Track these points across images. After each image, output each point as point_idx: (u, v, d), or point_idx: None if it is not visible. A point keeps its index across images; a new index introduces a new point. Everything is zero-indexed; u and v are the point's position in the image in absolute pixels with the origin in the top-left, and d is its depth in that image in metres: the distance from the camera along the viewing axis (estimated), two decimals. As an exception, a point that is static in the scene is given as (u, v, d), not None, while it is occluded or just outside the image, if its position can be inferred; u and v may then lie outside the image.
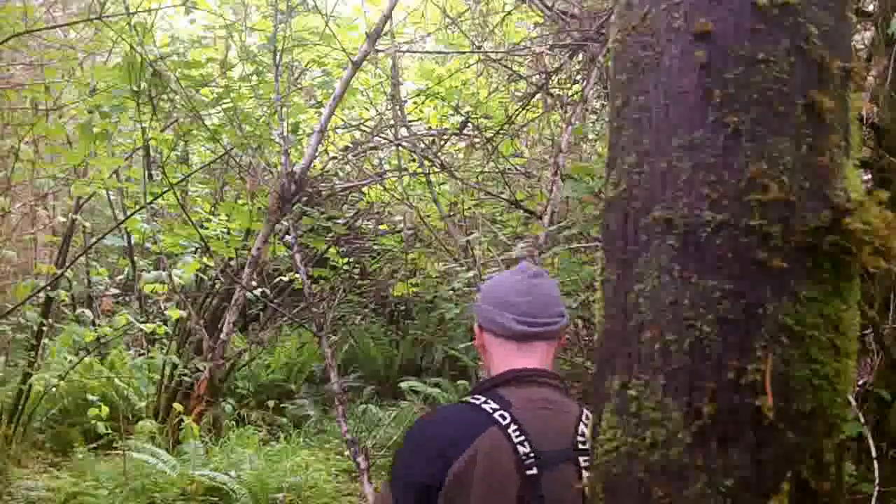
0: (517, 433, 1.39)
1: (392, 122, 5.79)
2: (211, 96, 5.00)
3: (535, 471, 1.36)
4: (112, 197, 6.86)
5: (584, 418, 1.45)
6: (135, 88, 4.14)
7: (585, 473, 1.36)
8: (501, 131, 5.35)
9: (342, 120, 6.17)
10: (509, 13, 5.56)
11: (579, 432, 1.43)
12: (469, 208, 5.78)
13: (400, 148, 5.52)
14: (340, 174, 6.93)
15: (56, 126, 5.26)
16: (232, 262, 6.16)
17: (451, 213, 6.02)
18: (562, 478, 1.37)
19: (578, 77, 5.26)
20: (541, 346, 1.52)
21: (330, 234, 6.59)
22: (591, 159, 5.22)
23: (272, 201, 4.44)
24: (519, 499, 1.34)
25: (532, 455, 1.37)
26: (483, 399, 1.46)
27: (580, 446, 1.41)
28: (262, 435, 6.30)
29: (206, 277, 6.63)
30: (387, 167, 6.78)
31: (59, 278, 5.33)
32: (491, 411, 1.42)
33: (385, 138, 5.76)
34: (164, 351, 6.38)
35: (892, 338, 2.96)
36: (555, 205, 3.96)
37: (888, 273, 2.69)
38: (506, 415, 1.41)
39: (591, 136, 5.74)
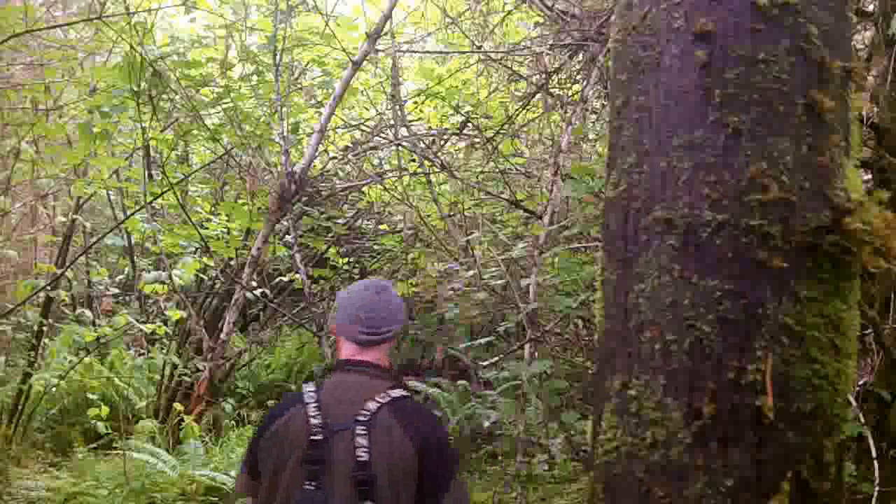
0: (314, 409, 1.82)
1: (392, 122, 5.79)
2: (211, 96, 5.00)
3: (319, 437, 1.78)
4: (112, 197, 6.86)
5: (377, 397, 1.82)
6: (135, 88, 4.13)
7: (359, 440, 1.76)
8: (501, 131, 5.35)
9: (342, 120, 6.17)
10: (509, 13, 5.56)
11: (364, 408, 1.81)
12: (469, 208, 5.78)
13: (400, 148, 5.52)
14: (340, 174, 6.92)
15: (56, 126, 5.26)
16: (232, 262, 6.16)
17: (451, 213, 6.02)
18: (341, 444, 1.77)
19: (578, 77, 5.26)
20: (378, 347, 1.95)
21: (330, 234, 6.59)
22: (591, 159, 5.22)
23: (272, 201, 4.44)
24: (306, 457, 1.77)
25: (320, 426, 1.79)
26: (310, 384, 1.93)
27: (359, 419, 1.79)
28: (262, 435, 6.28)
29: (206, 277, 6.63)
30: (387, 167, 6.78)
31: (60, 278, 5.33)
32: (305, 393, 1.88)
33: (385, 138, 5.77)
34: (164, 351, 6.38)
35: (892, 338, 2.96)
36: (555, 205, 3.97)
37: (888, 273, 2.68)
38: (313, 395, 1.86)
39: (591, 136, 5.74)
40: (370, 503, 1.73)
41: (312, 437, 1.78)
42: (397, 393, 1.85)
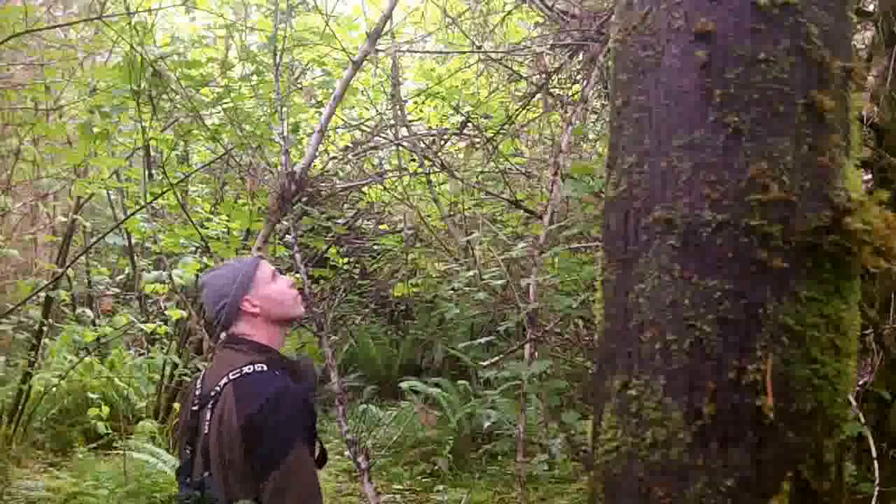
0: (199, 383, 2.00)
1: (392, 121, 5.79)
2: (211, 96, 5.00)
3: (196, 407, 1.95)
4: (112, 197, 6.87)
5: (232, 371, 1.90)
6: (135, 88, 4.13)
7: (207, 413, 1.88)
8: (501, 131, 5.34)
9: (342, 120, 6.17)
10: (509, 13, 5.56)
11: (220, 381, 1.91)
12: (469, 208, 5.78)
13: (400, 148, 5.52)
14: (340, 174, 6.92)
15: (56, 126, 5.26)
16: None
17: (451, 213, 6.03)
18: (204, 414, 1.91)
19: (578, 77, 5.26)
20: (233, 325, 2.04)
21: (330, 234, 6.59)
22: (592, 159, 5.22)
23: (272, 201, 4.43)
24: (187, 423, 1.97)
25: (197, 397, 1.96)
26: None
27: (212, 392, 1.91)
28: (263, 435, 6.27)
29: (206, 277, 6.61)
30: (387, 167, 6.78)
31: (60, 278, 5.33)
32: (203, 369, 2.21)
33: (385, 138, 5.76)
34: (164, 351, 6.38)
35: (892, 338, 2.96)
36: (555, 205, 3.96)
37: (888, 273, 2.69)
38: (203, 371, 2.08)
39: (591, 136, 5.74)
40: (208, 474, 1.82)
41: (191, 408, 1.97)
42: (249, 368, 1.90)
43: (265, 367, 1.91)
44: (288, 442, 1.78)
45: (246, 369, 1.89)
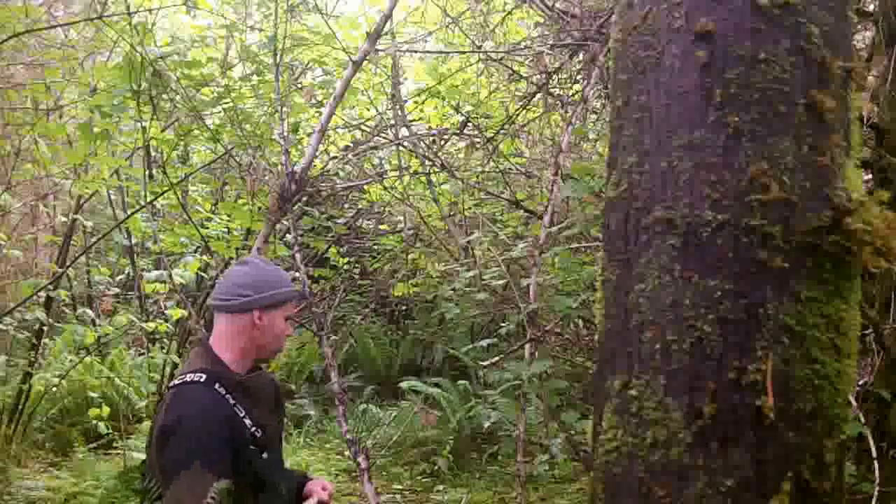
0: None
1: (392, 121, 5.79)
2: (211, 96, 5.00)
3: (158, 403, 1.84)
4: (112, 197, 6.87)
5: (178, 378, 1.88)
6: (135, 88, 4.13)
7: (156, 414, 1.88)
8: (501, 131, 5.34)
9: (342, 119, 6.16)
10: (510, 13, 5.56)
11: (172, 382, 1.91)
12: (469, 208, 5.78)
13: (400, 147, 5.52)
14: (341, 174, 6.93)
15: (57, 126, 5.26)
16: (232, 262, 6.16)
17: (452, 213, 6.03)
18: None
19: (579, 77, 5.26)
20: (221, 317, 1.98)
21: (330, 234, 6.59)
22: (592, 159, 5.22)
23: (272, 201, 4.43)
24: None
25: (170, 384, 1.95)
26: None
27: (164, 394, 1.91)
28: (263, 435, 6.27)
29: (206, 277, 6.63)
30: (387, 167, 6.78)
31: (60, 278, 5.33)
32: None
33: (385, 138, 5.76)
34: (165, 350, 6.38)
35: (892, 338, 2.96)
36: (555, 205, 3.96)
37: (888, 273, 2.69)
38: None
39: (591, 136, 5.73)
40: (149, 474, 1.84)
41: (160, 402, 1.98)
42: (192, 376, 1.85)
43: (202, 379, 1.84)
44: (182, 463, 1.68)
45: (188, 377, 1.85)
